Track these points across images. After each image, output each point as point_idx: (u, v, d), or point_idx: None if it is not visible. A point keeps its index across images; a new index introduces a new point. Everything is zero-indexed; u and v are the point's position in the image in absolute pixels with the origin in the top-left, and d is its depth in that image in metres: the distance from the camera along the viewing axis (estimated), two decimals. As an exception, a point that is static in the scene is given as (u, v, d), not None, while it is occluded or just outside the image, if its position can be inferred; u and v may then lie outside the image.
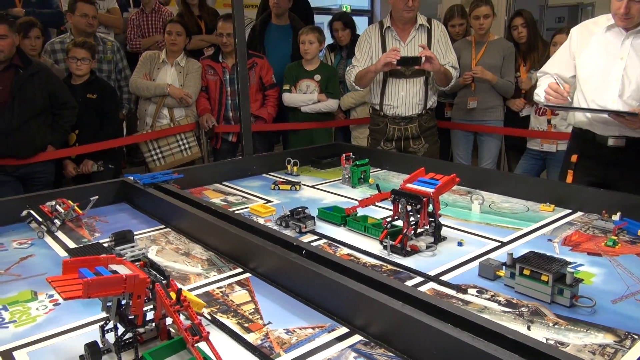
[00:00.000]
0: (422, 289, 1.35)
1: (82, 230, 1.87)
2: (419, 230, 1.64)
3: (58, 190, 2.15)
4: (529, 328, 1.16)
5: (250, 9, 5.55)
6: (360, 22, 4.33)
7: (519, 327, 1.16)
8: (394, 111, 2.98)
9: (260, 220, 1.89)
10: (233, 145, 3.81)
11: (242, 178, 2.59)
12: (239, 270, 1.51)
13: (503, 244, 1.66)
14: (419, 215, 1.58)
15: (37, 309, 1.29)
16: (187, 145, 3.65)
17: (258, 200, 2.20)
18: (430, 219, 1.63)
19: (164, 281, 1.05)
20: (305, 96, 3.65)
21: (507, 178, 2.33)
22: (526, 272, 1.30)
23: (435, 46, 2.93)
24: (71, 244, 1.73)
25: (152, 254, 1.62)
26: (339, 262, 1.31)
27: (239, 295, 1.34)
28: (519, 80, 3.62)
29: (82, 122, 3.19)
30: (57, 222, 1.85)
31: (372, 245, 1.67)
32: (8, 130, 2.82)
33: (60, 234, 1.83)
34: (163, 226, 1.90)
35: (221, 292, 1.37)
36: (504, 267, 1.37)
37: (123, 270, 1.04)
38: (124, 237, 1.61)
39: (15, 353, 1.10)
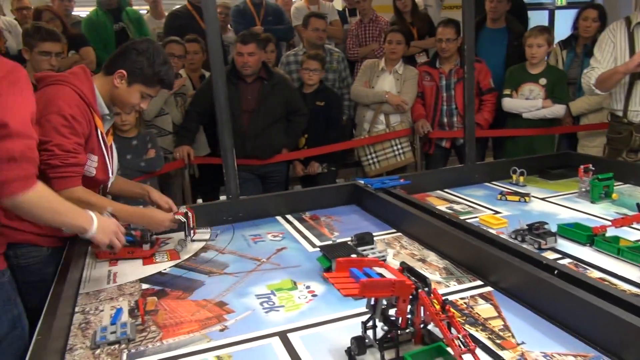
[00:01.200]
0: None
1: (322, 229, 2.05)
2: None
3: (299, 191, 2.39)
4: None
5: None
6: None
7: None
8: (642, 118, 2.62)
9: (492, 232, 1.84)
10: (446, 151, 3.79)
11: (464, 186, 2.55)
12: (479, 282, 1.49)
13: None
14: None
15: (298, 297, 1.45)
16: (401, 151, 3.74)
17: (485, 210, 2.15)
18: None
19: (426, 288, 1.09)
20: (528, 102, 3.44)
21: None
22: None
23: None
24: (315, 240, 1.92)
25: (389, 257, 1.70)
26: (602, 288, 1.20)
27: (485, 309, 1.33)
28: None
29: (311, 127, 3.51)
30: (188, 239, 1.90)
31: (629, 270, 1.50)
32: (254, 134, 3.24)
33: (303, 229, 2.04)
34: (394, 230, 1.98)
35: (464, 303, 1.37)
36: None
37: (387, 273, 1.11)
38: (364, 239, 1.73)
39: (289, 335, 1.26)
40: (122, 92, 1.81)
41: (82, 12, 5.60)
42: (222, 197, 3.91)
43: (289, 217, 2.21)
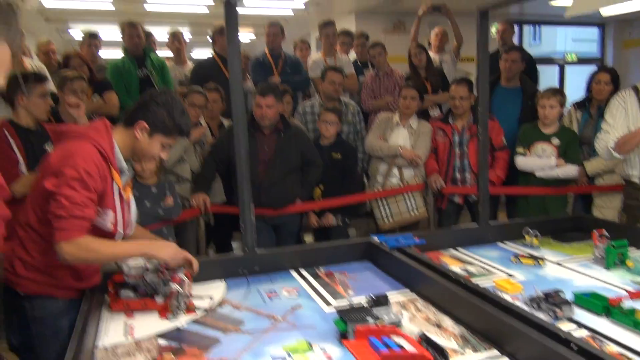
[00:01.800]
0: None
1: (336, 286, 2.06)
2: None
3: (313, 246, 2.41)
4: None
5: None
6: (587, 72, 4.02)
7: None
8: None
9: (507, 297, 1.84)
10: (458, 207, 3.82)
11: (477, 245, 2.56)
12: (495, 352, 1.48)
13: None
14: None
15: (314, 360, 1.46)
16: (414, 205, 3.77)
17: (499, 273, 2.15)
18: None
19: (445, 363, 1.10)
20: (542, 161, 3.49)
21: None
22: None
23: None
24: (329, 298, 1.92)
25: (405, 321, 1.70)
26: (621, 367, 1.20)
27: (502, 382, 1.32)
28: None
29: (327, 179, 3.56)
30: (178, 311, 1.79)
31: (647, 346, 1.49)
32: (270, 184, 3.30)
33: (318, 286, 2.05)
34: (408, 290, 1.99)
35: (481, 374, 1.36)
36: None
37: (407, 344, 1.13)
38: (379, 301, 1.73)
39: (306, 402, 1.26)
40: (144, 144, 1.86)
41: (108, 53, 5.85)
42: (234, 244, 3.97)
43: (303, 271, 2.22)
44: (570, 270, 2.17)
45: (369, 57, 5.03)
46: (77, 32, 9.74)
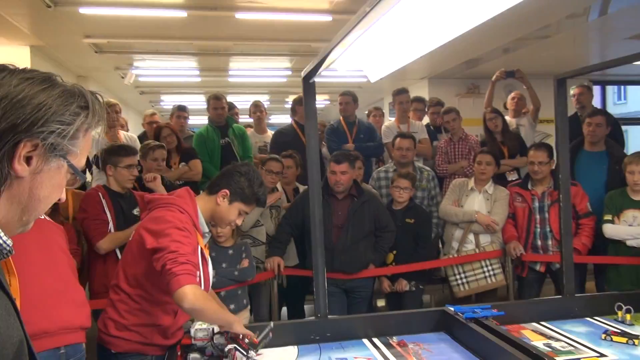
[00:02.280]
0: None
1: (409, 357, 2.00)
2: None
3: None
4: None
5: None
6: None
7: None
8: None
9: (598, 379, 1.70)
10: (541, 275, 3.62)
11: (562, 319, 2.40)
12: None
13: None
14: None
15: None
16: (492, 272, 3.62)
17: (588, 352, 2.00)
18: None
19: None
20: (633, 229, 3.27)
21: None
22: None
23: None
24: (402, 371, 1.87)
25: (483, 399, 1.62)
26: None
27: None
28: None
29: (400, 244, 3.54)
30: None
31: None
32: (342, 249, 3.32)
33: (391, 357, 2.00)
34: (486, 365, 1.89)
35: None
36: None
37: None
38: (455, 376, 1.66)
39: None
40: (223, 210, 1.99)
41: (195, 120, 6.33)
42: (306, 306, 3.97)
43: (375, 340, 2.18)
44: (670, 351, 1.98)
45: (442, 122, 5.05)
46: (168, 103, 10.64)
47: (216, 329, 1.85)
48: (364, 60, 1.57)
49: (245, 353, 1.78)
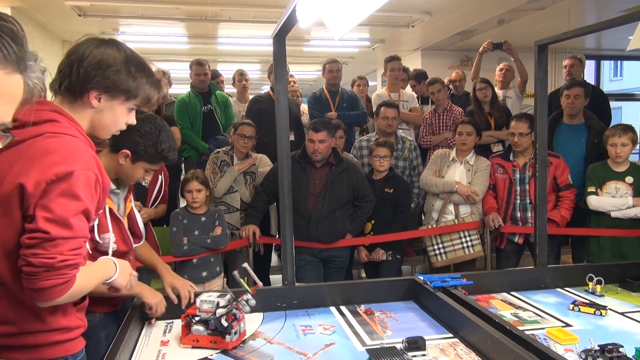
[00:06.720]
0: None
1: (375, 325, 1.98)
2: None
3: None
4: None
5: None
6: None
7: None
8: None
9: (559, 349, 1.69)
10: (519, 247, 3.61)
11: (534, 290, 2.39)
12: (539, 409, 1.35)
13: None
14: None
15: (339, 403, 1.39)
16: (470, 243, 3.61)
17: (554, 321, 1.98)
18: None
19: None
20: (618, 200, 3.25)
21: None
22: None
23: None
24: (365, 338, 1.85)
25: (442, 367, 1.60)
26: None
27: None
28: None
29: (378, 214, 3.50)
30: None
31: None
32: (319, 218, 3.28)
33: (356, 324, 1.98)
34: (451, 335, 1.87)
35: None
36: None
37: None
38: (416, 344, 1.64)
39: None
40: (127, 169, 1.87)
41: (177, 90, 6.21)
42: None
43: (343, 308, 2.16)
44: (636, 322, 1.97)
45: (427, 93, 4.98)
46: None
47: (221, 302, 1.77)
48: (328, 14, 1.49)
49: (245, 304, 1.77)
